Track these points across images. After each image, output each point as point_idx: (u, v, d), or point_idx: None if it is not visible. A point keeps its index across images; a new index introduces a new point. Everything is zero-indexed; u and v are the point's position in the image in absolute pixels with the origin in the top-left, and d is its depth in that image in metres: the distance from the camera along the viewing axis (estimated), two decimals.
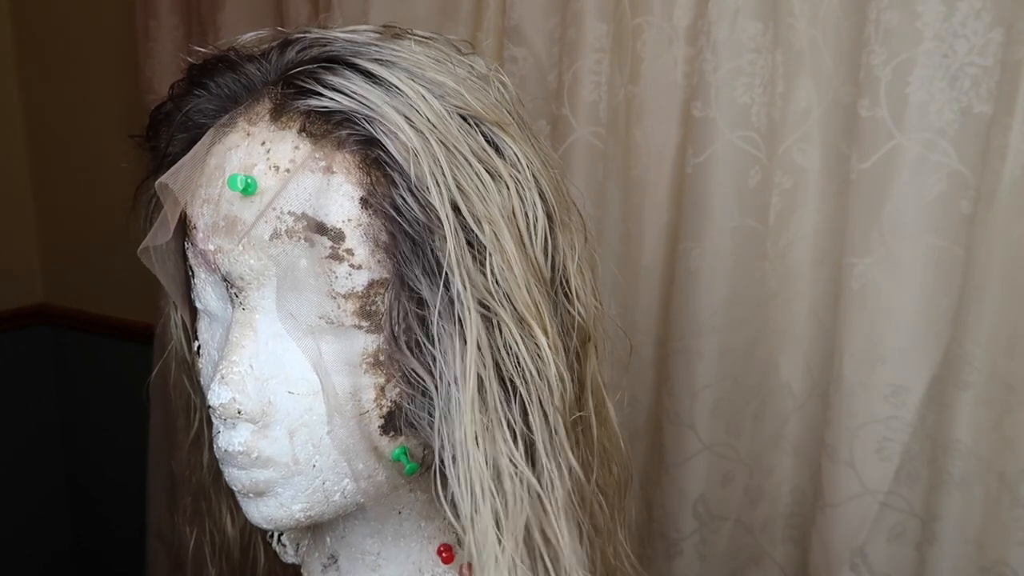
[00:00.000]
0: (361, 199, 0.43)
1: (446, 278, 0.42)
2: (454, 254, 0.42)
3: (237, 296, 0.46)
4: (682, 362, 0.99)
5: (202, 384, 0.50)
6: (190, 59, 0.49)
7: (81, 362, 1.91)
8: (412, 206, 0.42)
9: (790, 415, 0.99)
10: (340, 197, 0.43)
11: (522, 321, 0.43)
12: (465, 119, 0.45)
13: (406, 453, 0.47)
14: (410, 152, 0.42)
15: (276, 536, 0.59)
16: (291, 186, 0.43)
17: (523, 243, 0.45)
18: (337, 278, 0.43)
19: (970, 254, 0.83)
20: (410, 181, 0.42)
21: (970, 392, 0.83)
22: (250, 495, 0.47)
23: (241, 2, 1.30)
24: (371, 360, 0.45)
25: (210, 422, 0.50)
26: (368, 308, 0.44)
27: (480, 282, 0.43)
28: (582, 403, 0.50)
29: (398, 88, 0.43)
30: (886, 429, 0.89)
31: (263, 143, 0.44)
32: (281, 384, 0.45)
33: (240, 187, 0.43)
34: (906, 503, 0.90)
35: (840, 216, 0.91)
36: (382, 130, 0.42)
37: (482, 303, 0.43)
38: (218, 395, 0.44)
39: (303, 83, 0.44)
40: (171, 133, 0.49)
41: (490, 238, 0.43)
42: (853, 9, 0.88)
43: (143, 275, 0.52)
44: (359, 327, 0.44)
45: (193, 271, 0.48)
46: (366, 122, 0.43)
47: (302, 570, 0.58)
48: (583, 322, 0.49)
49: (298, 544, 0.59)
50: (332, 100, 0.43)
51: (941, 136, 0.83)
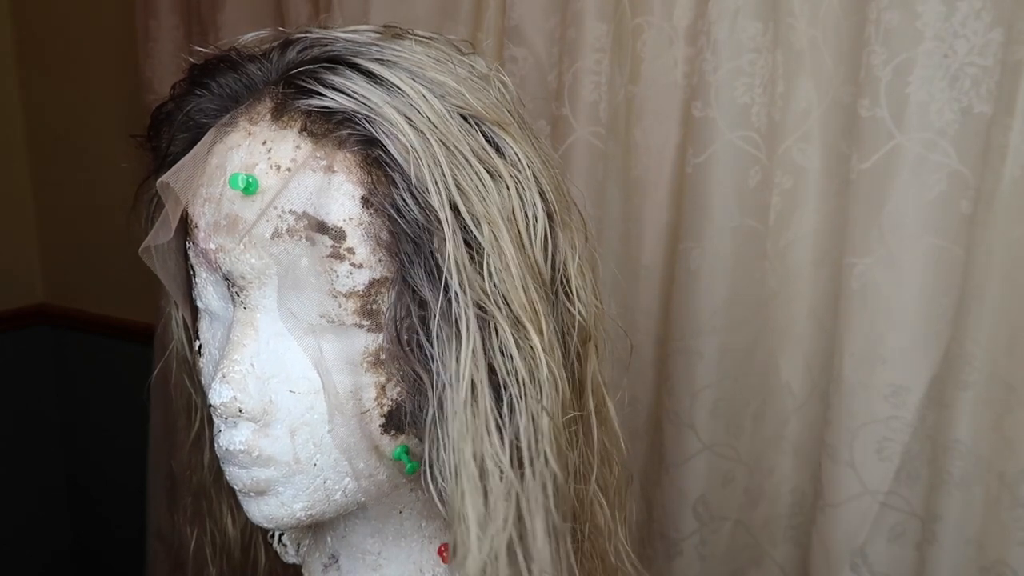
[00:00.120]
0: (362, 198, 0.43)
1: (445, 279, 0.42)
2: (452, 256, 0.42)
3: (238, 295, 0.46)
4: (682, 362, 0.99)
5: (203, 383, 0.50)
6: (191, 59, 0.49)
7: (81, 362, 1.91)
8: (411, 207, 0.42)
9: (790, 415, 0.99)
10: (341, 196, 0.43)
11: (517, 322, 0.43)
12: (466, 119, 0.45)
13: (407, 452, 0.47)
14: (410, 153, 0.42)
15: (277, 536, 0.59)
16: (292, 185, 0.43)
17: (522, 243, 0.45)
18: (338, 277, 0.43)
19: (970, 254, 0.83)
20: (410, 182, 0.42)
21: (970, 392, 0.83)
22: (251, 494, 0.47)
23: (241, 2, 1.30)
24: (372, 359, 0.45)
25: (211, 421, 0.50)
26: (369, 307, 0.44)
27: (477, 283, 0.43)
28: (582, 403, 0.50)
29: (399, 88, 0.43)
30: (886, 429, 0.89)
31: (264, 142, 0.44)
32: (282, 383, 0.45)
33: (241, 186, 0.43)
34: (906, 503, 0.90)
35: (840, 216, 0.91)
36: (382, 130, 0.42)
37: (478, 305, 0.43)
38: (219, 394, 0.44)
39: (304, 83, 0.44)
40: (172, 133, 0.49)
41: (488, 239, 0.43)
42: (853, 9, 0.88)
43: (143, 275, 0.52)
44: (360, 326, 0.44)
45: (194, 270, 0.48)
46: (367, 122, 0.43)
47: (303, 570, 0.58)
48: (584, 322, 0.49)
49: (299, 544, 0.59)
50: (333, 100, 0.43)
51: (941, 136, 0.83)
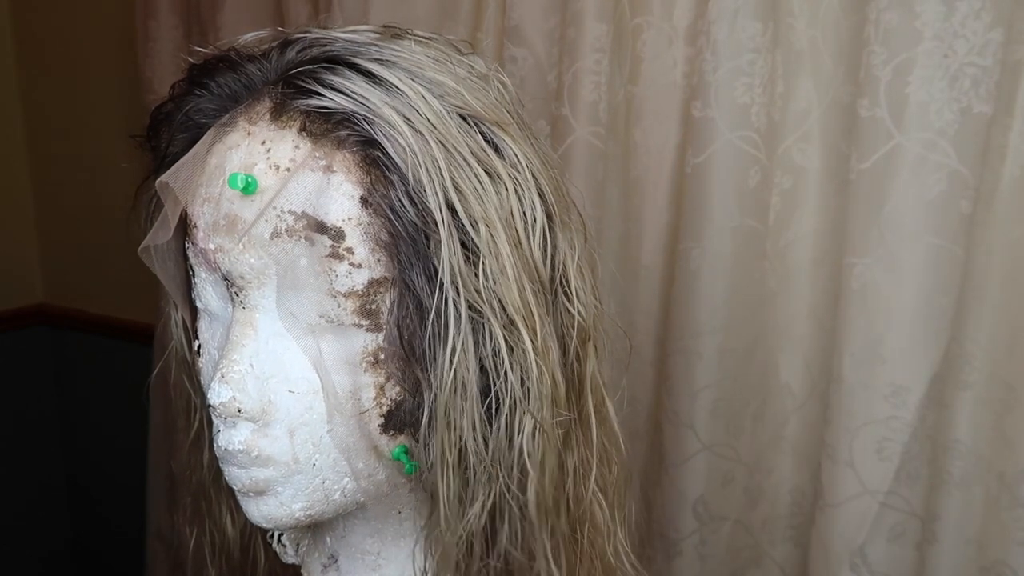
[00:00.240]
0: (361, 198, 0.43)
1: (441, 280, 0.42)
2: (448, 257, 0.42)
3: (237, 295, 0.46)
4: (682, 362, 0.99)
5: (202, 383, 0.50)
6: (191, 59, 0.49)
7: (81, 362, 1.91)
8: (408, 208, 0.42)
9: (790, 415, 0.99)
10: (340, 196, 0.43)
11: (511, 324, 0.44)
12: (464, 119, 0.45)
13: (406, 452, 0.47)
14: (408, 154, 0.42)
15: (276, 536, 0.59)
16: (291, 185, 0.43)
17: (520, 243, 0.45)
18: (337, 277, 0.43)
19: (970, 254, 0.83)
20: (407, 183, 0.42)
21: (970, 392, 0.83)
22: (250, 494, 0.47)
23: (241, 2, 1.30)
24: (371, 359, 0.45)
25: (210, 422, 0.50)
26: (368, 307, 0.44)
27: (472, 285, 0.43)
28: (581, 403, 0.50)
29: (398, 88, 0.43)
30: (886, 429, 0.89)
31: (263, 142, 0.44)
32: (281, 383, 0.45)
33: (240, 186, 0.43)
34: (906, 503, 0.90)
35: (840, 216, 0.91)
36: (381, 131, 0.42)
37: (473, 306, 0.43)
38: (218, 394, 0.44)
39: (303, 83, 0.44)
40: (172, 133, 0.49)
41: (485, 240, 0.43)
42: (853, 9, 0.88)
43: (143, 275, 0.52)
44: (359, 326, 0.44)
45: (193, 270, 0.48)
46: (365, 122, 0.43)
47: (302, 570, 0.58)
48: (583, 321, 0.49)
49: (298, 544, 0.59)
50: (332, 100, 0.43)
51: (941, 136, 0.83)
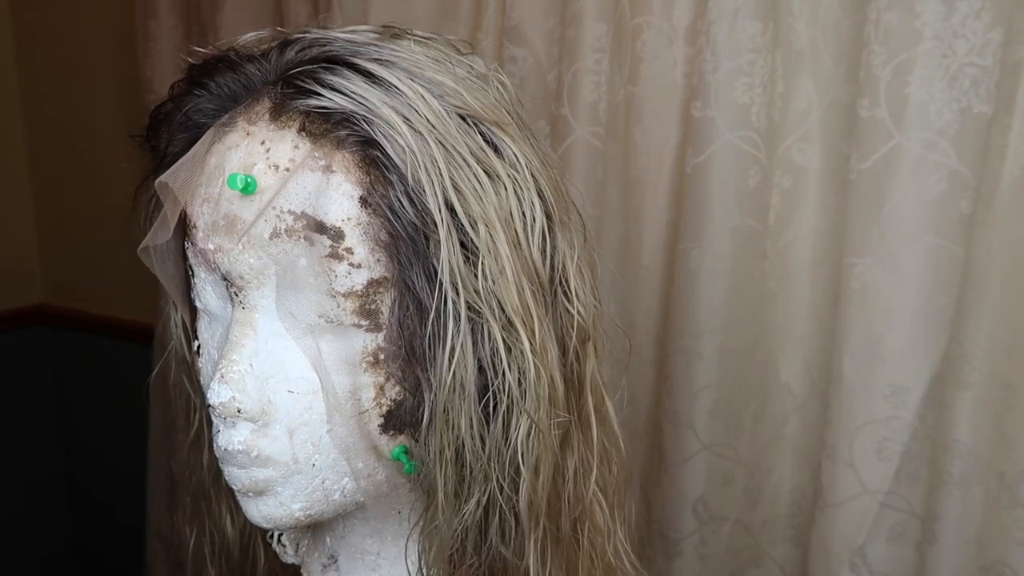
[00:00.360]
0: (360, 198, 0.43)
1: (440, 280, 0.42)
2: (447, 258, 0.42)
3: (237, 295, 0.46)
4: (682, 362, 0.99)
5: (202, 383, 0.50)
6: (190, 59, 0.49)
7: (81, 362, 1.91)
8: (407, 209, 0.42)
9: (790, 415, 0.99)
10: (339, 196, 0.43)
11: (510, 324, 0.44)
12: (464, 119, 0.45)
13: (406, 452, 0.47)
14: (407, 154, 0.42)
15: (276, 536, 0.59)
16: (291, 185, 0.43)
17: (519, 244, 0.45)
18: (337, 277, 0.43)
19: (970, 254, 0.83)
20: (407, 183, 0.42)
21: (970, 392, 0.83)
22: (250, 494, 0.47)
23: (241, 2, 1.30)
24: (371, 359, 0.45)
25: (210, 422, 0.50)
26: (367, 307, 0.44)
27: (471, 285, 0.43)
28: (581, 403, 0.50)
29: (397, 88, 0.43)
30: (886, 429, 0.89)
31: (263, 142, 0.44)
32: (281, 383, 0.45)
33: (240, 186, 0.43)
34: (906, 503, 0.90)
35: (840, 216, 0.91)
36: (380, 131, 0.42)
37: (472, 306, 0.43)
38: (218, 394, 0.44)
39: (303, 83, 0.44)
40: (171, 133, 0.49)
41: (484, 240, 0.43)
42: (853, 9, 0.88)
43: (143, 275, 0.52)
44: (358, 326, 0.44)
45: (193, 270, 0.48)
46: (365, 122, 0.43)
47: (302, 570, 0.58)
48: (583, 321, 0.49)
49: (298, 544, 0.59)
50: (331, 100, 0.43)
51: (941, 136, 0.83)
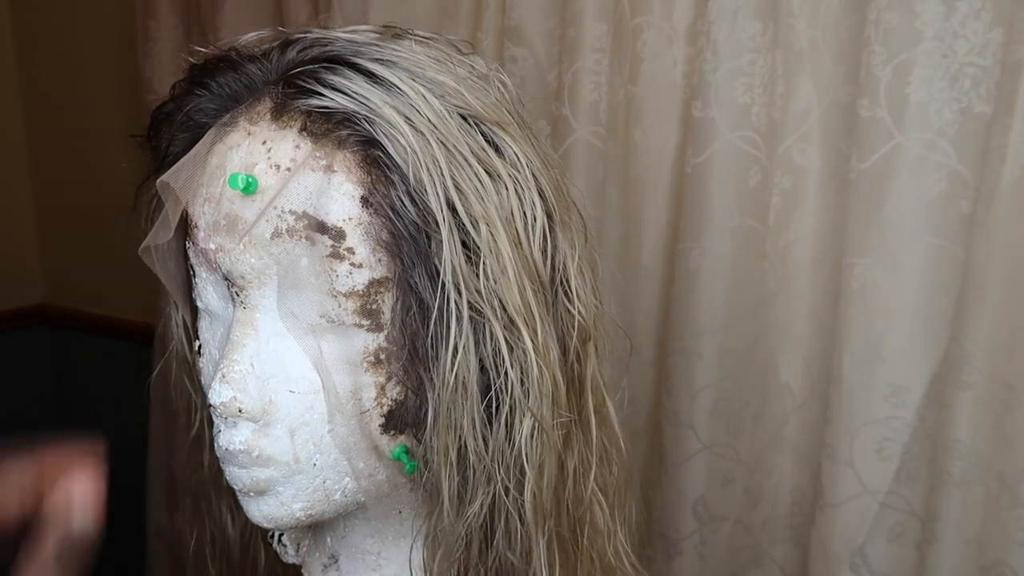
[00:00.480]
0: (362, 198, 0.43)
1: (442, 280, 0.42)
2: (449, 257, 0.42)
3: (238, 295, 0.46)
4: (682, 362, 0.99)
5: (203, 383, 0.50)
6: (191, 59, 0.49)
7: (81, 362, 1.91)
8: (409, 208, 0.42)
9: (790, 415, 0.99)
10: (341, 196, 0.43)
11: (512, 324, 0.44)
12: (465, 119, 0.45)
13: (407, 452, 0.47)
14: (408, 154, 0.42)
15: (277, 536, 0.59)
16: (292, 185, 0.43)
17: (520, 243, 0.45)
18: (338, 277, 0.43)
19: (970, 254, 0.83)
20: (408, 183, 0.42)
21: (970, 392, 0.83)
22: (251, 494, 0.47)
23: (241, 2, 1.30)
24: (372, 359, 0.45)
25: (211, 422, 0.50)
26: (369, 307, 0.44)
27: (473, 285, 0.43)
28: (582, 403, 0.50)
29: (399, 88, 0.43)
30: (886, 429, 0.89)
31: (264, 142, 0.44)
32: (282, 383, 0.45)
33: (241, 186, 0.43)
34: (906, 503, 0.90)
35: (840, 216, 0.91)
36: (382, 131, 0.42)
37: (474, 306, 0.43)
38: (219, 394, 0.44)
39: (304, 83, 0.44)
40: (172, 133, 0.49)
41: (486, 240, 0.43)
42: (853, 9, 0.88)
43: (143, 275, 0.52)
44: (360, 326, 0.44)
45: (194, 270, 0.48)
46: (366, 122, 0.43)
47: (302, 570, 0.58)
48: (583, 321, 0.49)
49: (299, 544, 0.59)
50: (332, 100, 0.43)
51: (941, 136, 0.83)
